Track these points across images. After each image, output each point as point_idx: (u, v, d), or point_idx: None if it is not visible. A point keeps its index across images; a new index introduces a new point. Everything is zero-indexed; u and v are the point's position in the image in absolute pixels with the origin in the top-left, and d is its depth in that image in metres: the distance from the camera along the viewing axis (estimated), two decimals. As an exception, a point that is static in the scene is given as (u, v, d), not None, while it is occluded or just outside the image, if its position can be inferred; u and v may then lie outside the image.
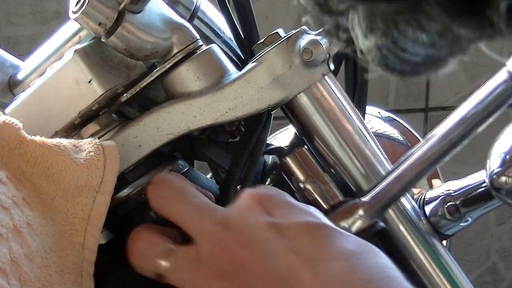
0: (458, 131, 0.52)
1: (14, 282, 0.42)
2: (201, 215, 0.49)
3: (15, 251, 0.43)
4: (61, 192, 0.49)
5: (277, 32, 0.56)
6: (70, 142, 0.50)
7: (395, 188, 0.53)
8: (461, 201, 0.57)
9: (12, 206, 0.45)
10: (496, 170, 0.53)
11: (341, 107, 0.55)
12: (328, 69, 0.55)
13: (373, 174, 0.56)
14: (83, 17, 0.51)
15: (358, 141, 0.56)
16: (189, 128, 0.54)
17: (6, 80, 0.60)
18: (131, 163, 0.53)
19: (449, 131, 0.53)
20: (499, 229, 1.81)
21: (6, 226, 0.43)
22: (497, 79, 0.49)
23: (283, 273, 0.44)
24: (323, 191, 0.55)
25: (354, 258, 0.44)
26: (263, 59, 0.54)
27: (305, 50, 0.53)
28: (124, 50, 0.52)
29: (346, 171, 0.56)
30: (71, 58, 0.52)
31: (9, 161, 0.47)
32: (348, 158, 0.56)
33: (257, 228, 0.46)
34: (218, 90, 0.54)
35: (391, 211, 0.56)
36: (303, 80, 0.54)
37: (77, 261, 0.49)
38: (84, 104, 0.53)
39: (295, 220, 0.46)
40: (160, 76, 0.54)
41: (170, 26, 0.54)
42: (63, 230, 0.49)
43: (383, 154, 0.57)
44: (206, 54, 0.55)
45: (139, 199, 0.54)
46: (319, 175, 0.55)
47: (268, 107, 0.54)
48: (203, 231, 0.48)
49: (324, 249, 0.45)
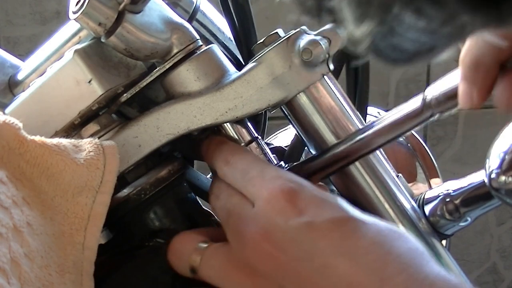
0: (362, 142, 0.54)
1: (14, 282, 0.42)
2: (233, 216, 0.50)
3: (15, 250, 0.43)
4: (61, 192, 0.49)
5: (276, 32, 0.56)
6: (70, 142, 0.50)
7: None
8: (460, 201, 0.57)
9: (12, 206, 0.45)
10: (496, 170, 0.53)
11: (340, 107, 0.55)
12: (327, 69, 0.55)
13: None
14: (83, 17, 0.51)
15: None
16: (189, 128, 0.54)
17: (6, 80, 0.60)
18: (131, 163, 0.53)
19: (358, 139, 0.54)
20: (499, 229, 1.81)
21: (6, 225, 0.43)
22: (412, 103, 0.51)
23: (319, 274, 0.45)
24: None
25: (385, 248, 0.45)
26: (263, 59, 0.54)
27: (305, 50, 0.53)
28: (124, 50, 0.52)
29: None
30: (71, 58, 0.52)
31: (9, 161, 0.47)
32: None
33: (290, 231, 0.47)
34: (218, 90, 0.54)
35: (388, 208, 0.56)
36: (303, 80, 0.54)
37: (77, 261, 0.49)
38: (84, 104, 0.53)
39: (325, 218, 0.47)
40: (160, 76, 0.55)
41: (170, 26, 0.54)
42: (63, 230, 0.49)
43: (382, 154, 0.57)
44: (206, 54, 0.55)
45: (139, 199, 0.54)
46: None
47: (268, 107, 0.54)
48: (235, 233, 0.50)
49: (356, 243, 0.45)
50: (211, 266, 0.51)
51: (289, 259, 0.46)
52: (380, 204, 0.56)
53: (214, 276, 0.50)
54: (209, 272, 0.51)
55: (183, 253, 0.52)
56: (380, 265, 0.44)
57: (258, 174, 0.51)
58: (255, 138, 0.56)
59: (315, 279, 0.45)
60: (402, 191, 0.57)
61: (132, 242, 0.55)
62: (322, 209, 0.48)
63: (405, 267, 0.44)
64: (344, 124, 0.55)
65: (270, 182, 0.49)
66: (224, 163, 0.53)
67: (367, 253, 0.45)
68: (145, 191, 0.54)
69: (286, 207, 0.48)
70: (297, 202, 0.48)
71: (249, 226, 0.48)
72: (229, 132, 0.55)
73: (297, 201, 0.48)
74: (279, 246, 0.47)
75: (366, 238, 0.46)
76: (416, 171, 0.72)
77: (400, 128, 0.53)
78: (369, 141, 0.54)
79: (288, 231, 0.47)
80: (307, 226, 0.47)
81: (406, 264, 0.44)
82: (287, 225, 0.47)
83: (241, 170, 0.52)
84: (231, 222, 0.50)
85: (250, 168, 0.51)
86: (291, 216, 0.47)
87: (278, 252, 0.47)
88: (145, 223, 0.55)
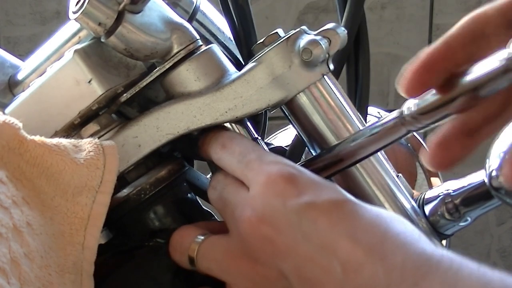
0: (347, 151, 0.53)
1: (14, 282, 0.42)
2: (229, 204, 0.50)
3: (15, 250, 0.43)
4: (61, 192, 0.49)
5: (276, 32, 0.56)
6: (70, 142, 0.50)
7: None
8: (460, 200, 0.57)
9: (12, 206, 0.45)
10: (496, 170, 0.53)
11: (340, 107, 0.55)
12: (327, 69, 0.55)
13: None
14: (83, 17, 0.51)
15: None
16: (188, 128, 0.54)
17: (6, 80, 0.60)
18: (130, 163, 0.53)
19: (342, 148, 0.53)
20: (499, 229, 1.81)
21: (6, 225, 0.43)
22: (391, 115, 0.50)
23: (319, 253, 0.46)
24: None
25: (382, 227, 0.45)
26: (263, 59, 0.54)
27: (305, 50, 0.53)
28: (124, 50, 0.52)
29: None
30: (71, 58, 0.52)
31: (9, 161, 0.47)
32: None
33: (288, 213, 0.47)
34: (217, 90, 0.54)
35: (388, 208, 0.56)
36: (303, 80, 0.54)
37: (77, 261, 0.49)
38: (84, 104, 0.53)
39: (324, 199, 0.47)
40: (159, 76, 0.55)
41: (169, 26, 0.54)
42: (63, 230, 0.49)
43: (382, 154, 0.57)
44: (206, 54, 0.55)
45: (139, 199, 0.54)
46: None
47: (267, 107, 0.54)
48: (232, 219, 0.50)
49: (355, 223, 0.46)
50: (209, 257, 0.51)
51: (288, 241, 0.47)
52: (380, 204, 0.56)
53: (212, 267, 0.51)
54: (207, 263, 0.51)
55: (182, 246, 0.52)
56: (378, 243, 0.44)
57: (256, 158, 0.51)
58: (254, 138, 0.56)
59: (315, 259, 0.45)
60: (402, 191, 0.57)
61: (132, 242, 0.55)
62: (320, 191, 0.48)
63: (402, 244, 0.44)
64: (344, 124, 0.55)
65: (269, 166, 0.50)
66: (221, 147, 0.53)
67: (365, 232, 0.45)
68: (145, 191, 0.54)
69: (284, 189, 0.48)
70: (296, 184, 0.48)
71: (245, 210, 0.48)
72: None
73: (296, 183, 0.48)
74: (278, 228, 0.47)
75: (364, 218, 0.46)
76: (416, 171, 0.72)
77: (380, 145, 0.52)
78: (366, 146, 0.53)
79: (287, 213, 0.47)
80: (306, 206, 0.47)
81: (404, 242, 0.44)
82: (285, 206, 0.47)
83: (238, 153, 0.52)
84: (227, 211, 0.51)
85: (248, 152, 0.51)
86: (289, 198, 0.47)
87: (277, 234, 0.47)
88: (145, 223, 0.55)
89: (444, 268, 0.42)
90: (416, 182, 0.71)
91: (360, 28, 0.62)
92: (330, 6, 1.74)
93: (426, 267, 0.42)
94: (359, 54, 0.62)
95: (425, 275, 0.42)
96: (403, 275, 0.42)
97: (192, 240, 0.52)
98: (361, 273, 0.44)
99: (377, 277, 0.43)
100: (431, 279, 0.42)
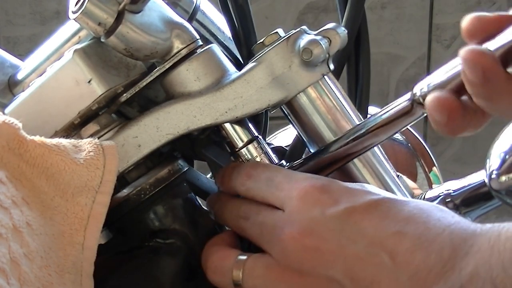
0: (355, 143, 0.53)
1: (14, 282, 0.42)
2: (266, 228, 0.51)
3: (15, 251, 0.43)
4: (61, 192, 0.49)
5: (276, 32, 0.56)
6: (70, 142, 0.50)
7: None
8: (460, 201, 0.57)
9: (11, 206, 0.45)
10: (496, 170, 0.53)
11: (341, 107, 0.55)
12: (328, 69, 0.55)
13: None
14: (82, 17, 0.51)
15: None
16: (188, 128, 0.54)
17: (5, 80, 0.60)
18: (130, 163, 0.53)
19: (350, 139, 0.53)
20: (499, 229, 1.80)
21: (6, 226, 0.43)
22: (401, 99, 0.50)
23: (367, 253, 0.47)
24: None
25: (423, 216, 0.47)
26: (263, 59, 0.54)
27: (305, 50, 0.53)
28: (124, 50, 0.52)
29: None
30: (71, 58, 0.52)
31: (9, 161, 0.47)
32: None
33: (329, 221, 0.48)
34: (217, 90, 0.54)
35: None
36: (303, 80, 0.54)
37: (77, 261, 0.49)
38: (83, 104, 0.53)
39: (361, 202, 0.48)
40: (159, 76, 0.54)
41: (169, 26, 0.54)
42: (62, 230, 0.49)
43: (382, 154, 0.57)
44: (206, 54, 0.55)
45: (139, 199, 0.54)
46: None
47: (267, 107, 0.54)
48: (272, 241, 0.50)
49: (395, 218, 0.47)
50: (255, 276, 0.50)
51: (333, 247, 0.48)
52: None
53: (259, 284, 0.50)
54: (253, 281, 0.50)
55: (224, 268, 0.51)
56: (423, 231, 0.46)
57: (284, 179, 0.51)
58: (255, 137, 0.56)
59: (365, 258, 0.47)
60: (402, 191, 0.57)
61: (132, 242, 0.55)
62: (355, 196, 0.49)
63: (446, 226, 0.46)
64: (344, 124, 0.55)
65: (298, 182, 0.50)
66: (246, 177, 0.53)
67: (408, 224, 0.46)
68: (144, 191, 0.54)
69: (320, 199, 0.49)
70: (330, 193, 0.49)
71: (284, 229, 0.49)
72: (229, 132, 0.55)
73: (330, 192, 0.49)
74: (321, 237, 0.48)
75: (403, 212, 0.47)
76: (417, 171, 0.72)
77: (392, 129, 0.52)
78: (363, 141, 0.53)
79: (327, 221, 0.48)
80: (345, 212, 0.48)
81: (446, 224, 0.46)
82: (325, 215, 0.48)
83: (265, 179, 0.52)
84: (265, 233, 0.51)
85: (274, 175, 0.52)
86: (327, 206, 0.48)
87: (322, 243, 0.48)
88: (145, 223, 0.55)
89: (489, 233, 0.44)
90: (416, 182, 0.71)
91: (360, 28, 0.62)
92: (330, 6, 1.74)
93: (472, 238, 0.44)
94: (359, 54, 0.62)
95: (473, 244, 0.44)
96: (453, 251, 0.44)
97: (233, 261, 0.51)
98: (413, 261, 0.45)
99: (429, 260, 0.45)
100: (479, 244, 0.43)
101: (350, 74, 0.63)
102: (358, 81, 0.62)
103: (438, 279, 0.44)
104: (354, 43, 0.62)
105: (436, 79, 0.47)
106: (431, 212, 0.47)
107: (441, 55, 1.82)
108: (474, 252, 0.44)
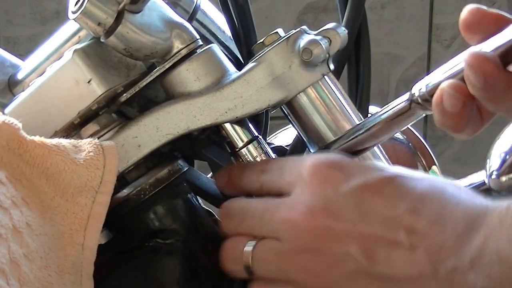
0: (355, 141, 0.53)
1: (14, 283, 0.42)
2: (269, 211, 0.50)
3: (15, 251, 0.43)
4: (61, 192, 0.49)
5: (276, 32, 0.56)
6: (70, 142, 0.50)
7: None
8: (461, 201, 0.57)
9: (11, 206, 0.45)
10: (496, 171, 0.53)
11: (341, 107, 0.55)
12: (328, 69, 0.55)
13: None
14: (82, 17, 0.51)
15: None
16: (188, 128, 0.54)
17: (5, 80, 0.60)
18: (130, 163, 0.53)
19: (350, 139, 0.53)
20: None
21: (6, 226, 0.43)
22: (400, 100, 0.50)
23: (382, 228, 0.47)
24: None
25: (437, 193, 0.47)
26: (263, 59, 0.54)
27: (305, 50, 0.53)
28: (124, 50, 0.52)
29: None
30: (71, 58, 0.52)
31: (9, 161, 0.47)
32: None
33: (342, 197, 0.48)
34: (217, 90, 0.54)
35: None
36: (303, 80, 0.54)
37: (77, 261, 0.49)
38: (83, 104, 0.53)
39: (373, 178, 0.48)
40: (159, 76, 0.54)
41: (169, 26, 0.54)
42: (62, 230, 0.49)
43: (382, 154, 0.57)
44: (206, 54, 0.55)
45: (138, 199, 0.54)
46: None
47: (267, 107, 0.54)
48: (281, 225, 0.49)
49: (410, 195, 0.47)
50: (264, 259, 0.50)
51: (347, 225, 0.47)
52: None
53: (270, 268, 0.50)
54: (264, 265, 0.50)
55: (236, 253, 0.51)
56: (438, 208, 0.46)
57: (293, 162, 0.51)
58: (255, 137, 0.56)
59: (380, 235, 0.46)
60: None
61: (132, 242, 0.55)
62: (367, 172, 0.49)
63: (460, 201, 0.46)
64: (344, 124, 0.55)
65: (307, 161, 0.50)
66: (260, 172, 0.53)
67: (423, 202, 0.46)
68: (144, 191, 0.54)
69: (331, 175, 0.48)
70: (341, 169, 0.49)
71: (293, 210, 0.48)
72: (229, 132, 0.55)
73: (341, 168, 0.49)
74: (334, 215, 0.47)
75: (417, 189, 0.47)
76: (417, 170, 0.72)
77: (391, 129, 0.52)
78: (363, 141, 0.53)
79: (340, 198, 0.48)
80: (359, 187, 0.48)
81: (460, 200, 0.46)
82: (337, 192, 0.48)
83: (277, 169, 0.52)
84: (273, 219, 0.50)
85: (285, 163, 0.52)
86: (339, 183, 0.48)
87: (336, 221, 0.47)
88: (145, 223, 0.55)
89: (500, 209, 0.44)
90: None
91: (361, 28, 0.61)
92: (330, 6, 1.74)
93: (484, 214, 0.44)
94: (360, 54, 0.62)
95: (484, 219, 0.44)
96: (466, 226, 0.44)
97: (243, 246, 0.51)
98: (428, 238, 0.45)
99: (444, 236, 0.45)
100: (489, 219, 0.44)
101: (350, 74, 0.63)
102: (358, 80, 0.62)
103: (451, 253, 0.45)
104: (354, 43, 0.62)
105: (435, 79, 0.47)
106: (444, 188, 0.47)
107: (441, 55, 1.82)
108: (484, 226, 0.44)
